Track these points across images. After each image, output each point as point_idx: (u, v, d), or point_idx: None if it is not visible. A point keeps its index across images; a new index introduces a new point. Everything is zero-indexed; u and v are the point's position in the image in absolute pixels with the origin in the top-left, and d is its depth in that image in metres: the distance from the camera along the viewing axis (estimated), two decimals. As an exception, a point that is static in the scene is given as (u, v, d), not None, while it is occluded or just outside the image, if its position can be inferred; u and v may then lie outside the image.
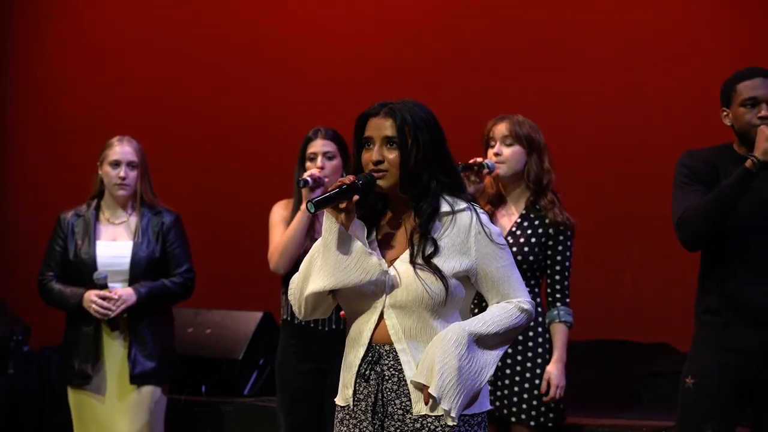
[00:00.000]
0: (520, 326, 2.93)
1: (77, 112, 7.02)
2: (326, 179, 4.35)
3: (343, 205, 2.84)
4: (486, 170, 4.12)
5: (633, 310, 5.64)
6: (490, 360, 2.87)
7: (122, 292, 4.58)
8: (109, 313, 4.54)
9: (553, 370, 4.11)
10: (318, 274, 2.89)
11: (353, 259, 2.85)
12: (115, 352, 4.64)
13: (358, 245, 2.86)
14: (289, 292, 3.00)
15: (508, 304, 2.92)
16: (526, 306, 2.94)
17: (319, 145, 4.44)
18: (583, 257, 4.26)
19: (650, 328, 5.52)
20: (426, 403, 2.83)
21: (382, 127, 2.92)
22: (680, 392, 3.82)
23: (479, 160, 4.11)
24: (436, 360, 2.80)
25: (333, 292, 2.94)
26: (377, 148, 2.90)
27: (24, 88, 7.23)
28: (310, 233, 4.40)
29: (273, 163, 6.17)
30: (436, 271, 2.85)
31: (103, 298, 4.55)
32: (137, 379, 4.61)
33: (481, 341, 2.86)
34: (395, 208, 2.97)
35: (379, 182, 2.90)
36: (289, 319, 4.48)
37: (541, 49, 6.01)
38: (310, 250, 2.94)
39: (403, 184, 2.90)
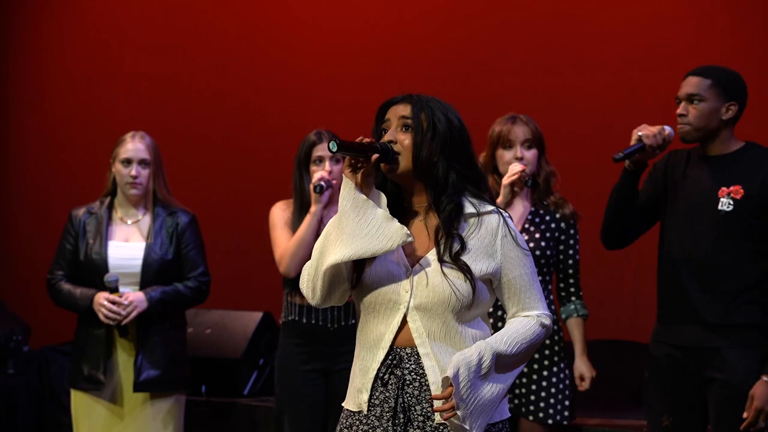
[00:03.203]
0: (539, 343, 2.83)
1: (77, 112, 7.02)
2: (334, 182, 4.33)
3: (361, 164, 2.73)
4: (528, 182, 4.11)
5: (633, 310, 5.64)
6: (509, 381, 2.76)
7: (134, 297, 4.38)
8: (118, 317, 4.35)
9: (582, 366, 4.18)
10: (335, 245, 2.74)
11: (374, 225, 2.71)
12: (125, 358, 4.46)
13: (378, 211, 2.72)
14: (301, 280, 2.85)
15: (529, 320, 2.81)
16: (547, 321, 2.83)
17: (326, 149, 4.37)
18: (583, 257, 4.27)
19: (650, 328, 5.51)
20: (439, 398, 2.68)
21: (400, 110, 2.81)
22: (645, 387, 3.97)
23: (519, 170, 4.04)
24: (460, 373, 2.66)
25: (354, 286, 2.80)
26: (391, 130, 2.80)
27: (24, 88, 7.22)
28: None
29: (273, 163, 6.18)
30: (465, 270, 2.73)
31: (113, 302, 4.36)
32: (141, 386, 4.42)
33: (504, 360, 2.74)
34: (413, 206, 2.85)
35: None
36: (293, 318, 4.45)
37: (541, 49, 6.02)
38: (325, 227, 2.82)
39: (416, 171, 2.78)
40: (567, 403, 4.14)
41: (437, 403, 2.71)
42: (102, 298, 4.38)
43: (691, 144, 3.86)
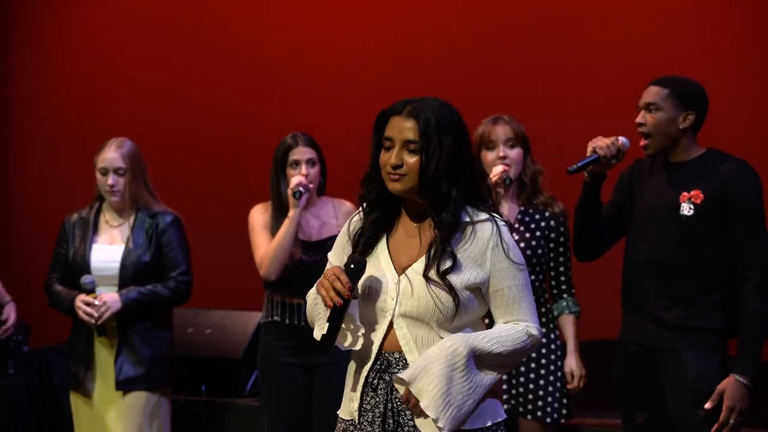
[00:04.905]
0: (524, 351, 2.80)
1: (77, 116, 7.02)
2: (311, 186, 4.43)
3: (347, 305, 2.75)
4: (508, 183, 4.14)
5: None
6: (486, 381, 2.74)
7: (107, 297, 4.51)
8: (92, 319, 4.49)
9: (572, 363, 4.20)
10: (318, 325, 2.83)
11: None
12: (105, 357, 4.60)
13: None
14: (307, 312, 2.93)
15: (516, 326, 2.80)
16: (534, 331, 2.81)
17: (301, 152, 4.49)
18: (583, 257, 4.28)
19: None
20: (405, 401, 2.72)
21: (404, 128, 2.75)
22: (615, 387, 3.99)
23: (500, 171, 4.09)
24: (426, 364, 2.68)
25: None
26: (397, 151, 2.75)
27: (24, 92, 7.22)
28: (297, 237, 4.47)
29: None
30: (449, 289, 2.73)
31: (88, 304, 4.50)
32: (122, 385, 4.55)
33: (482, 359, 2.73)
34: (411, 212, 2.85)
35: (396, 185, 2.77)
36: (275, 318, 4.50)
37: (541, 49, 6.01)
38: (312, 290, 2.86)
39: (422, 191, 2.77)
40: (564, 401, 4.16)
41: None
42: (79, 300, 4.53)
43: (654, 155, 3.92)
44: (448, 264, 2.75)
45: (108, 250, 4.64)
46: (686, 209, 3.79)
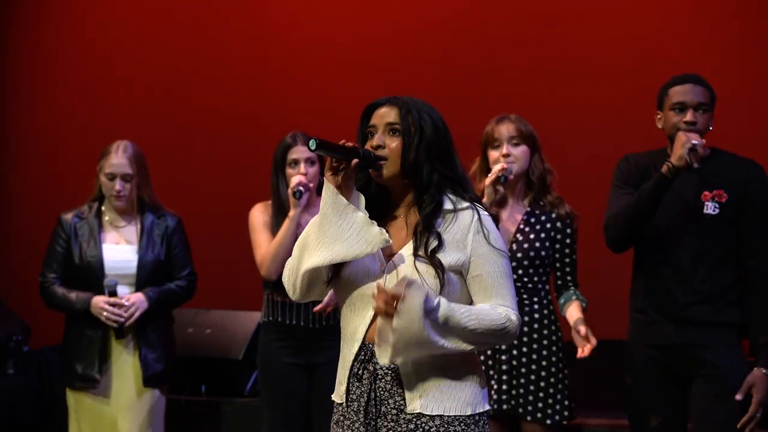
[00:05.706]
0: (499, 333, 2.81)
1: (77, 114, 7.02)
2: (311, 185, 4.44)
3: (342, 165, 2.79)
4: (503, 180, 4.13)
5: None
6: (447, 345, 2.74)
7: (135, 299, 4.54)
8: (121, 319, 4.50)
9: (586, 330, 4.07)
10: (315, 248, 2.81)
11: (354, 229, 2.78)
12: (124, 355, 4.60)
13: (358, 215, 2.80)
14: (283, 275, 2.92)
15: (498, 308, 2.82)
16: (513, 317, 2.83)
17: (300, 151, 4.49)
18: (583, 257, 4.28)
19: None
20: (384, 290, 2.70)
21: (386, 115, 2.89)
22: (625, 389, 3.96)
23: (497, 170, 4.10)
24: (427, 295, 2.70)
25: (330, 281, 2.87)
26: (379, 135, 2.87)
27: (24, 89, 7.23)
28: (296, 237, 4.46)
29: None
30: (438, 266, 2.78)
31: (113, 305, 4.50)
32: (150, 381, 4.59)
33: (452, 324, 2.75)
34: (397, 202, 2.93)
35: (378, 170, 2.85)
36: (275, 318, 4.51)
37: (541, 49, 6.02)
38: (306, 228, 2.88)
39: (404, 175, 2.85)
40: (566, 403, 4.14)
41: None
42: (101, 301, 4.52)
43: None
44: (434, 243, 2.81)
45: (119, 250, 4.66)
46: (711, 208, 3.81)
